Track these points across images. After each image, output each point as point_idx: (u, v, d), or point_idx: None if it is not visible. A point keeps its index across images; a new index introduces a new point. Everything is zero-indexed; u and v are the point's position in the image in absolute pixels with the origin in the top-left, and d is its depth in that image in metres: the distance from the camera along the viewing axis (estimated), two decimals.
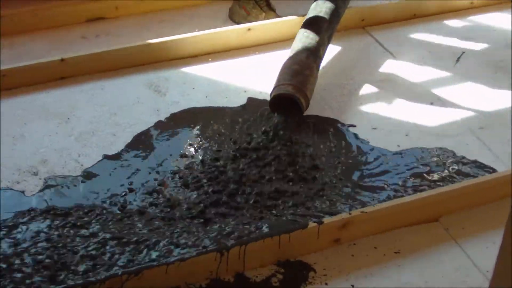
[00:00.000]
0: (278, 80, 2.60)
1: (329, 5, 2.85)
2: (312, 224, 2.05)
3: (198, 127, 2.56)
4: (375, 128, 2.59)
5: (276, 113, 2.57)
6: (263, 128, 2.52)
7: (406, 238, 2.13)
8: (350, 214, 2.09)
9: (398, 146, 2.50)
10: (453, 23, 3.29)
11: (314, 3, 2.90)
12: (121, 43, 2.97)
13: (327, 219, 2.07)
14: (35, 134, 2.53)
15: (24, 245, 2.03)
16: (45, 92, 2.74)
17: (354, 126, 2.58)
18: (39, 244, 2.03)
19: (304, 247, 2.06)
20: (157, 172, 2.35)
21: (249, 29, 3.03)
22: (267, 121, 2.56)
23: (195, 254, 1.95)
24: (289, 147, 2.43)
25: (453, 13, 3.34)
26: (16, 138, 2.50)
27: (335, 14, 2.85)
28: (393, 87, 2.82)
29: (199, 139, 2.50)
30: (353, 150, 2.47)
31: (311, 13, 2.85)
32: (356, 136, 2.54)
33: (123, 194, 2.25)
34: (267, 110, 2.60)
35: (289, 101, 2.54)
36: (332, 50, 2.90)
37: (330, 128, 2.57)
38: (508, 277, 1.38)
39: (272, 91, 2.58)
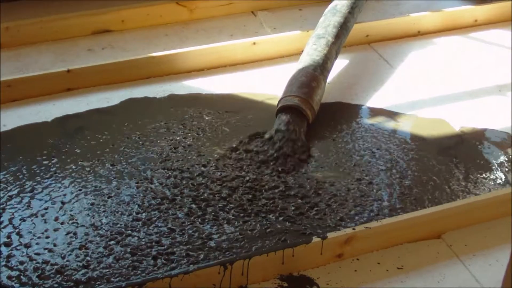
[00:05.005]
0: (285, 91, 2.62)
1: (338, 18, 2.87)
2: (315, 239, 2.05)
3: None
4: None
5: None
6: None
7: (409, 254, 2.13)
8: (353, 229, 2.10)
9: None
10: (457, 40, 3.30)
11: (323, 16, 2.92)
12: (127, 56, 2.99)
13: (330, 234, 2.08)
14: None
15: None
16: (51, 103, 2.75)
17: None
18: None
19: (308, 262, 2.06)
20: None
21: (254, 43, 3.05)
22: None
23: (198, 267, 1.96)
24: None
25: (457, 30, 3.36)
26: None
27: (344, 27, 2.86)
28: (397, 104, 2.83)
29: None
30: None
31: (320, 26, 2.86)
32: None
33: None
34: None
35: (296, 112, 2.55)
36: (336, 65, 2.91)
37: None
38: None
39: (279, 102, 2.59)
